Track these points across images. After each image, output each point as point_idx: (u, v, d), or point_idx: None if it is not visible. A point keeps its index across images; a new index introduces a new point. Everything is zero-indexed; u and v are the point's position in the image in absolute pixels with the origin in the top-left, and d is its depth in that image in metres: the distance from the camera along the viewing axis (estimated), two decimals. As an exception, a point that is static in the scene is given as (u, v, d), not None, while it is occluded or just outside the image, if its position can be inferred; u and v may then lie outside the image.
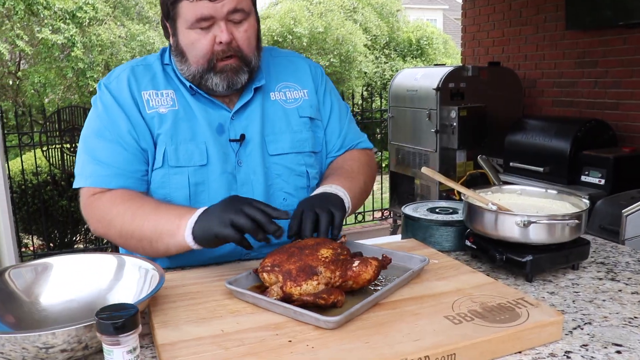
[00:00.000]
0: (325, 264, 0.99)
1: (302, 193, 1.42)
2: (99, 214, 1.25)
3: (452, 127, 4.17)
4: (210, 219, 1.10)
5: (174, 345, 0.86)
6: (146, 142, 1.30)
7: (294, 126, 1.42)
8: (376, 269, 1.01)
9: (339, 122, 1.51)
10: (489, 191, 1.44)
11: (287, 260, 1.01)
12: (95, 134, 1.31)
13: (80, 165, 1.31)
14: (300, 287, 0.96)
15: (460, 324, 0.91)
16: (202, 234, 1.10)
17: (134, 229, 1.19)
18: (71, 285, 1.08)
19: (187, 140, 1.31)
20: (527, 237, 1.18)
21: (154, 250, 1.19)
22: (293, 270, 0.98)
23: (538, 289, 1.17)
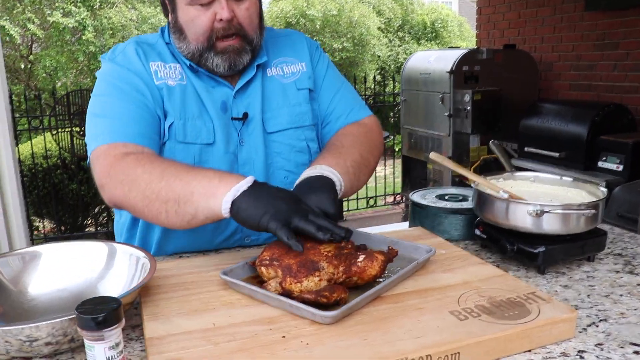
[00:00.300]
0: (327, 258, 0.93)
1: (304, 170, 1.37)
2: (121, 175, 1.11)
3: (466, 111, 4.08)
4: (266, 205, 0.97)
5: (162, 340, 0.82)
6: (160, 110, 1.25)
7: (291, 100, 1.36)
8: (382, 264, 0.95)
9: (331, 91, 1.43)
10: (500, 178, 1.37)
11: (286, 253, 0.96)
12: (108, 95, 1.23)
13: (93, 128, 1.22)
14: (301, 283, 0.90)
15: (465, 320, 0.86)
16: (247, 213, 0.97)
17: (162, 188, 1.05)
18: (61, 274, 1.04)
19: (195, 117, 1.26)
20: (540, 227, 1.12)
21: (178, 216, 1.05)
22: (293, 265, 0.92)
23: (550, 282, 1.10)
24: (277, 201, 0.98)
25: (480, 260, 1.11)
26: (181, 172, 1.07)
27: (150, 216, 1.09)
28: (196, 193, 1.02)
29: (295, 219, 0.96)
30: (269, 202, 0.98)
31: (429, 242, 1.22)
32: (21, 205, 4.23)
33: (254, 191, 1.00)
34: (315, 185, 1.11)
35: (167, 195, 1.05)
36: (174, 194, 1.04)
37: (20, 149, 4.58)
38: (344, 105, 1.43)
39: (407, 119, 5.01)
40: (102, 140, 1.19)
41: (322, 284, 0.91)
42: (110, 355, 0.72)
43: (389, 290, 0.97)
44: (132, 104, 1.21)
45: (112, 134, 1.18)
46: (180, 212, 1.04)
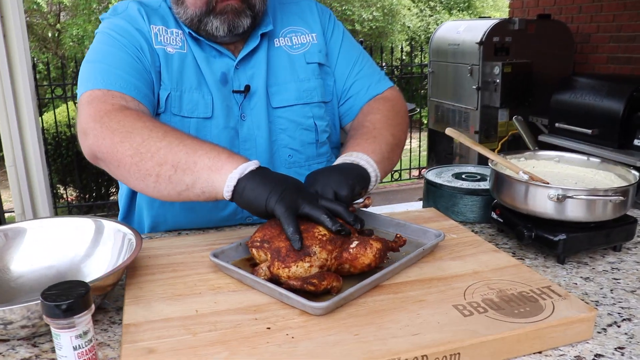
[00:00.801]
0: (321, 243, 0.86)
1: (310, 149, 1.29)
2: (115, 123, 0.99)
3: (495, 84, 3.91)
4: (274, 186, 0.89)
5: (138, 327, 0.76)
6: (155, 75, 1.16)
7: (300, 74, 1.27)
8: (377, 252, 0.87)
9: (348, 64, 1.34)
10: (522, 157, 1.27)
11: (278, 235, 0.88)
12: (107, 44, 1.15)
13: (87, 72, 1.12)
14: (289, 269, 0.83)
15: (470, 316, 0.77)
16: (254, 194, 0.88)
17: (161, 148, 0.94)
18: (48, 251, 0.99)
19: (193, 89, 1.19)
20: (562, 214, 1.02)
21: (170, 183, 0.95)
22: (283, 248, 0.85)
23: (570, 273, 1.01)
24: (285, 184, 0.91)
25: (494, 248, 1.02)
26: (186, 139, 0.97)
27: (137, 176, 0.97)
28: (200, 163, 0.93)
29: (304, 204, 0.89)
30: (277, 183, 0.90)
31: (440, 225, 1.14)
32: (45, 174, 4.27)
33: (261, 172, 0.92)
34: (343, 169, 1.04)
35: (165, 157, 0.94)
36: (174, 157, 0.94)
37: (44, 117, 4.60)
38: (363, 78, 1.34)
39: (434, 92, 4.85)
40: (97, 84, 1.08)
41: (313, 270, 0.83)
42: (77, 345, 0.67)
43: (389, 278, 0.89)
44: (131, 57, 1.14)
45: (109, 80, 1.09)
46: (175, 179, 0.94)
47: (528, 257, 1.09)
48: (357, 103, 1.34)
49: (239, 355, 0.69)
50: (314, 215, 0.88)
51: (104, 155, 1.01)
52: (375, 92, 1.34)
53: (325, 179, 0.99)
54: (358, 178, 1.02)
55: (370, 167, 1.06)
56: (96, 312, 0.88)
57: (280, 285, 0.82)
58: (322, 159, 1.32)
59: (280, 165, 1.27)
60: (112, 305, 0.91)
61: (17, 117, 4.16)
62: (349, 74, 1.34)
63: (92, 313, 0.68)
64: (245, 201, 0.90)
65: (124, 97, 1.08)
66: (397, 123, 1.26)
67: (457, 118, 4.49)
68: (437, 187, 1.32)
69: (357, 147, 1.12)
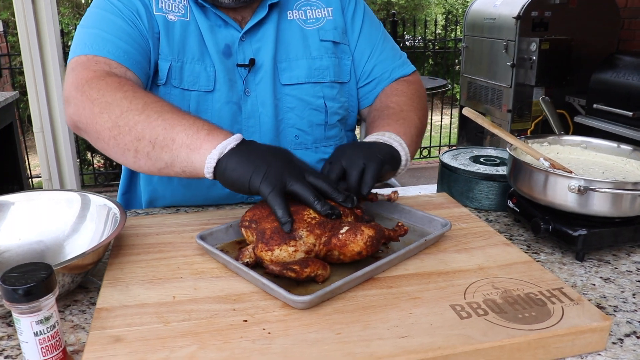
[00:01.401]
0: (309, 226, 0.79)
1: (318, 130, 1.22)
2: (95, 92, 0.94)
3: (531, 61, 3.73)
4: (257, 163, 0.81)
5: (110, 312, 0.72)
6: (153, 43, 1.10)
7: (312, 51, 1.19)
8: (369, 240, 0.80)
9: (369, 46, 1.26)
10: (545, 142, 1.17)
11: (267, 216, 0.83)
12: (102, 8, 1.09)
13: (77, 39, 1.07)
14: (272, 252, 0.77)
15: (468, 318, 0.70)
16: (236, 174, 0.81)
17: (139, 121, 0.89)
18: (36, 225, 0.95)
19: (195, 60, 1.12)
20: (583, 207, 0.93)
21: (149, 159, 0.89)
22: (267, 230, 0.79)
23: (589, 272, 0.93)
24: (269, 158, 0.83)
25: (505, 240, 0.94)
26: (166, 112, 0.90)
27: (116, 150, 0.93)
28: (178, 141, 0.86)
29: (292, 181, 0.81)
30: (260, 159, 0.82)
31: (449, 212, 1.06)
32: (72, 140, 4.30)
33: (243, 148, 0.85)
34: (374, 146, 0.98)
35: (142, 132, 0.88)
36: (152, 133, 0.88)
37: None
38: (386, 61, 1.27)
39: (467, 67, 4.68)
40: (84, 50, 1.03)
41: (298, 255, 0.77)
42: (38, 330, 0.63)
43: (386, 271, 0.83)
44: (125, 22, 1.07)
45: (96, 46, 1.03)
46: (153, 156, 0.89)
47: (544, 251, 1.00)
48: (379, 85, 1.27)
49: (208, 349, 0.64)
50: (301, 194, 0.81)
51: (84, 126, 0.96)
52: (399, 74, 1.28)
53: (354, 152, 0.94)
54: (389, 157, 0.97)
55: (402, 149, 1.02)
56: (77, 292, 0.85)
57: (265, 271, 0.77)
58: (330, 142, 1.25)
59: (286, 146, 1.21)
60: (99, 283, 0.87)
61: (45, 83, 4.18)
62: (370, 55, 1.26)
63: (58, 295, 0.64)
64: (228, 183, 0.84)
65: (109, 63, 1.02)
66: (421, 107, 1.22)
67: (490, 96, 4.32)
68: (451, 171, 1.24)
69: (388, 127, 1.07)
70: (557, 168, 1.00)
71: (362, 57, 1.26)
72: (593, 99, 3.50)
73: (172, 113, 0.90)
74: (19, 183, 3.31)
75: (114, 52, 1.03)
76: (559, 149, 1.16)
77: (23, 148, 4.72)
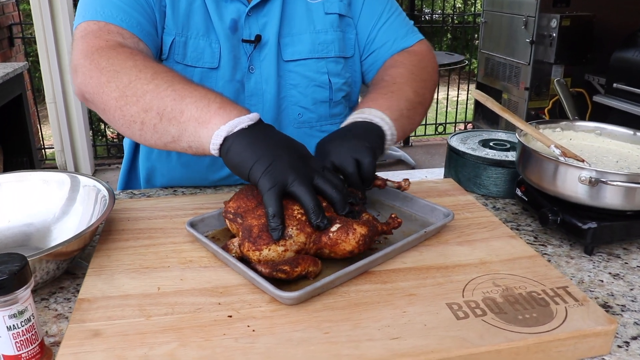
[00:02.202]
0: (300, 224, 0.74)
1: (322, 108, 1.17)
2: (105, 61, 0.89)
3: (551, 38, 3.61)
4: (263, 153, 0.75)
5: (92, 303, 0.69)
6: (159, 15, 1.05)
7: (316, 25, 1.14)
8: (361, 239, 0.76)
9: (372, 15, 1.20)
10: (557, 127, 1.12)
11: (253, 210, 0.78)
12: None
13: (85, 3, 1.01)
14: (260, 252, 0.72)
15: (464, 319, 0.67)
16: (239, 158, 0.76)
17: (147, 91, 0.83)
18: (25, 207, 0.93)
19: (200, 35, 1.08)
20: (594, 199, 0.88)
21: (156, 132, 0.84)
22: (255, 227, 0.74)
23: (597, 267, 0.88)
24: (278, 150, 0.76)
25: (510, 232, 0.89)
26: (177, 82, 0.84)
27: (122, 122, 0.87)
28: (187, 113, 0.80)
29: (295, 181, 0.74)
30: (268, 150, 0.76)
31: (454, 200, 1.02)
32: (84, 111, 4.29)
33: (255, 132, 0.78)
34: (357, 132, 0.91)
35: (150, 102, 0.83)
36: (160, 104, 0.82)
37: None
38: (389, 31, 1.20)
39: (485, 43, 4.56)
40: (95, 16, 0.97)
41: (288, 255, 0.73)
42: (11, 325, 0.60)
43: (381, 264, 0.79)
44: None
45: (109, 12, 0.97)
46: (160, 129, 0.83)
47: (551, 243, 0.96)
48: (381, 57, 1.20)
49: (189, 347, 0.61)
50: (301, 199, 0.74)
51: (91, 96, 0.91)
52: (402, 45, 1.21)
53: (340, 149, 0.87)
54: (375, 140, 0.91)
55: (386, 124, 0.94)
56: (64, 278, 0.83)
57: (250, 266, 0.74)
58: (335, 119, 1.20)
59: (288, 124, 1.16)
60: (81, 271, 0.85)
61: (57, 53, 4.16)
62: (374, 25, 1.20)
63: (37, 285, 0.61)
64: (229, 164, 0.78)
65: (122, 33, 0.96)
66: (422, 79, 1.13)
67: (508, 72, 4.21)
68: (459, 155, 1.19)
69: (371, 103, 0.99)
70: (569, 156, 0.95)
71: (365, 28, 1.20)
72: (613, 78, 3.39)
73: (183, 84, 0.85)
74: (28, 155, 3.31)
75: (127, 21, 0.97)
76: (572, 135, 1.10)
77: (36, 118, 4.73)
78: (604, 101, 3.40)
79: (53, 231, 0.91)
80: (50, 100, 4.22)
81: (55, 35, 4.09)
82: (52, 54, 4.11)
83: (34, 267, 0.72)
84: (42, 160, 4.61)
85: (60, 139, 4.29)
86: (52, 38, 4.06)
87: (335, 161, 0.86)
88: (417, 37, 1.23)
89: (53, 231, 0.91)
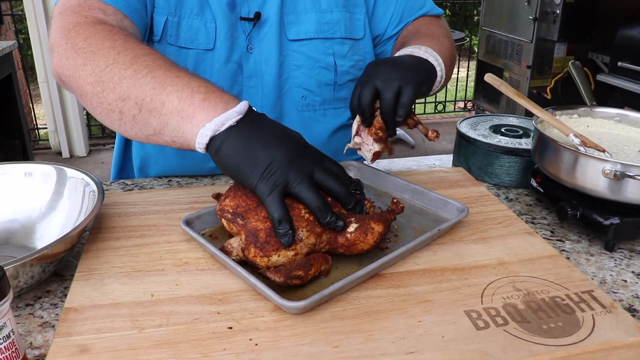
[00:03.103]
0: (309, 225, 0.69)
1: (327, 91, 1.11)
2: (82, 41, 0.80)
3: (555, 15, 3.53)
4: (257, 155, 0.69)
5: (79, 313, 0.64)
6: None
7: (322, 3, 1.07)
8: (379, 237, 0.71)
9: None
10: (574, 114, 1.05)
11: (255, 210, 0.71)
12: None
13: None
14: (269, 258, 0.67)
15: (485, 329, 0.61)
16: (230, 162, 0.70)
17: (125, 77, 0.75)
18: (9, 202, 0.87)
19: (194, 14, 1.01)
20: (617, 194, 0.83)
21: (136, 124, 0.76)
22: (261, 232, 0.68)
23: (619, 265, 0.83)
24: (273, 149, 0.69)
25: (528, 229, 0.84)
26: (158, 68, 0.76)
27: (99, 110, 0.79)
28: (168, 105, 0.72)
29: (296, 181, 0.69)
30: (263, 149, 0.69)
31: (467, 192, 0.96)
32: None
33: (246, 129, 0.70)
34: (410, 63, 0.92)
35: (128, 90, 0.74)
36: (139, 93, 0.74)
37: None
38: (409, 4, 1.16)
39: (487, 20, 4.46)
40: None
41: (298, 259, 0.68)
42: (-12, 340, 0.55)
43: (393, 265, 0.73)
44: None
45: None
46: (140, 120, 0.75)
47: (569, 238, 0.91)
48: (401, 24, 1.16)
49: (186, 365, 0.56)
50: (306, 200, 0.69)
51: (67, 79, 0.82)
52: (423, 11, 1.17)
53: (389, 72, 0.87)
54: (425, 75, 0.91)
55: (439, 65, 0.95)
56: (50, 280, 0.77)
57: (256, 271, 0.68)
58: (340, 103, 1.14)
59: (291, 107, 1.10)
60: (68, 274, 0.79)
61: (48, 30, 4.03)
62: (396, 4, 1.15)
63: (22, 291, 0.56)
64: (220, 166, 0.72)
65: (104, 9, 0.88)
66: (451, 43, 1.11)
67: (510, 50, 4.13)
68: (469, 142, 1.13)
69: (423, 43, 0.99)
70: (589, 146, 0.89)
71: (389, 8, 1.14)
72: (618, 57, 3.31)
73: (164, 69, 0.76)
74: (20, 137, 3.23)
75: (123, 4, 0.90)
76: (590, 122, 1.04)
77: (28, 98, 4.63)
78: (608, 80, 3.33)
79: (38, 228, 0.85)
80: (42, 80, 4.12)
81: (46, 12, 3.97)
82: (43, 31, 3.99)
83: (17, 272, 0.66)
84: (35, 140, 4.53)
85: (53, 119, 4.20)
86: (42, 14, 3.94)
87: (378, 84, 0.85)
88: (438, 10, 1.20)
89: (38, 228, 0.85)
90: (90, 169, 4.07)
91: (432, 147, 4.37)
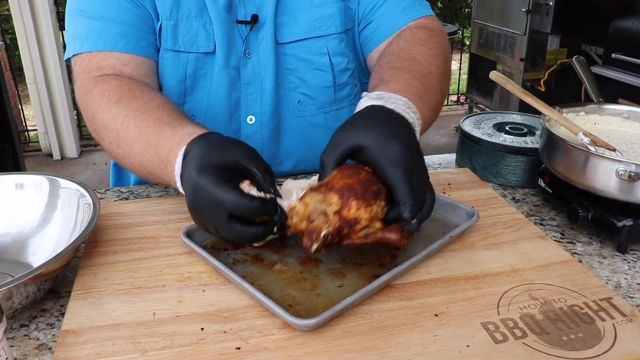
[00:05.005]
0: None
1: (326, 94, 1.07)
2: (89, 112, 0.91)
3: (548, 7, 3.50)
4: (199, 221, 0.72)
5: (77, 336, 0.60)
6: (150, 6, 0.97)
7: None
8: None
9: None
10: (582, 111, 1.03)
11: (348, 174, 0.67)
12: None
13: (72, 26, 0.97)
14: (371, 208, 0.65)
15: (504, 342, 0.59)
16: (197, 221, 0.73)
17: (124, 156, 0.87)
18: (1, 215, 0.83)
19: (192, 17, 0.97)
20: (629, 195, 0.80)
21: (155, 179, 0.85)
22: (356, 185, 0.65)
23: (633, 268, 0.81)
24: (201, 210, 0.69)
25: (539, 232, 0.82)
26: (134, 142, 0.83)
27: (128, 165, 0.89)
28: (155, 162, 0.81)
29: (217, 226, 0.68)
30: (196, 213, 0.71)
31: (474, 194, 0.93)
32: (67, 90, 4.14)
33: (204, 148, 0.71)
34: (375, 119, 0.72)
35: (135, 158, 0.85)
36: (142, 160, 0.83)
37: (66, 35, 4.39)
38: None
39: (479, 12, 4.43)
40: (82, 47, 0.95)
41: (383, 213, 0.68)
42: (-18, 369, 0.52)
43: (404, 275, 0.70)
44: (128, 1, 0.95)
45: (93, 38, 0.94)
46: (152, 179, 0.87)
47: (580, 239, 0.88)
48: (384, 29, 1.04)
49: (193, 391, 0.53)
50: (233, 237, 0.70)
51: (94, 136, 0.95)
52: (410, 18, 1.04)
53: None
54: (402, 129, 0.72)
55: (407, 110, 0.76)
56: (45, 299, 0.73)
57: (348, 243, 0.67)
58: (342, 104, 1.10)
59: (287, 114, 1.06)
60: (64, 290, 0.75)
61: (36, 31, 3.97)
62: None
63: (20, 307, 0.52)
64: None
65: (105, 57, 0.95)
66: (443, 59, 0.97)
67: (502, 43, 4.10)
68: (473, 142, 1.10)
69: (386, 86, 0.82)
70: (599, 145, 0.87)
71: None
72: (612, 48, 3.29)
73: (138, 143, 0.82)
74: (9, 140, 3.17)
75: (107, 43, 0.95)
76: (597, 119, 1.02)
77: (17, 100, 4.55)
78: (602, 72, 3.31)
79: (32, 242, 0.81)
80: (31, 81, 4.05)
81: (33, 11, 3.90)
82: (30, 32, 3.92)
83: (11, 293, 0.63)
84: (25, 143, 4.46)
85: (43, 121, 4.14)
86: (29, 14, 3.87)
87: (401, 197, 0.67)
88: (427, 10, 1.08)
89: (32, 242, 0.81)
90: (82, 170, 4.01)
91: (428, 142, 4.35)
